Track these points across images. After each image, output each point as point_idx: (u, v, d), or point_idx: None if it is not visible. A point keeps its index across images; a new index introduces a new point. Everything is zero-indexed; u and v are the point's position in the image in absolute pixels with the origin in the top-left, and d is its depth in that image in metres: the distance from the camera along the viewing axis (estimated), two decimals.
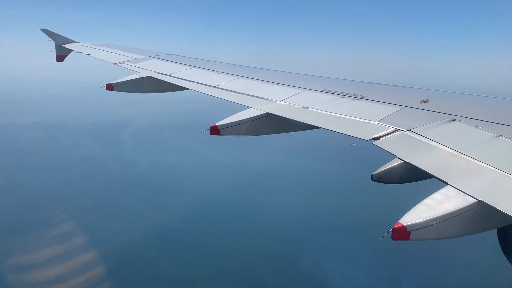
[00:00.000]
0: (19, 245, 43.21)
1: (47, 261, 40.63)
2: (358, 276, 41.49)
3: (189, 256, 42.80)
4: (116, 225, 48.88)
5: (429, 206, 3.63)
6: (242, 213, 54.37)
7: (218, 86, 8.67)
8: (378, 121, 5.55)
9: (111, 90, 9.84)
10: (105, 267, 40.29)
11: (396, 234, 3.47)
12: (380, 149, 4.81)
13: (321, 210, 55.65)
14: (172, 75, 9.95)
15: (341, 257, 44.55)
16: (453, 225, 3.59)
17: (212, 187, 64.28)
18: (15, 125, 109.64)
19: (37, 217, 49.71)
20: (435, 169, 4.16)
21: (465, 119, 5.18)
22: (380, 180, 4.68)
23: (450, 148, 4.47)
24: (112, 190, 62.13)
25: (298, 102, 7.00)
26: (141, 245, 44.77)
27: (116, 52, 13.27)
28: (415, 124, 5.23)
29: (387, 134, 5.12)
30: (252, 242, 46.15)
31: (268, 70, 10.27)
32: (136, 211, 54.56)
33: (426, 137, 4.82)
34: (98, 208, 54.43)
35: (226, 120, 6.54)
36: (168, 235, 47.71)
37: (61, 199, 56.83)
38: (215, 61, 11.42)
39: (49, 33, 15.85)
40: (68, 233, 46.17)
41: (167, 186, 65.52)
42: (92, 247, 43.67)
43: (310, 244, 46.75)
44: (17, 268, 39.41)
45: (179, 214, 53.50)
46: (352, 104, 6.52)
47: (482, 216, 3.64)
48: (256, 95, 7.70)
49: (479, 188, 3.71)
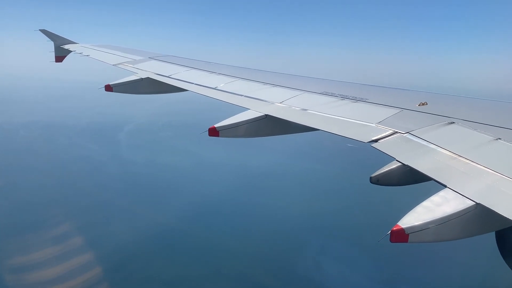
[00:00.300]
0: (16, 245, 43.11)
1: (45, 261, 40.56)
2: (356, 278, 41.52)
3: (187, 257, 42.76)
4: (114, 225, 48.81)
5: (427, 209, 3.63)
6: (240, 214, 54.38)
7: (217, 88, 8.68)
8: (377, 123, 5.55)
9: (110, 91, 9.83)
10: (103, 267, 40.23)
11: (394, 236, 3.47)
12: (378, 152, 4.81)
13: (319, 212, 55.67)
14: (171, 76, 9.94)
15: (340, 259, 44.57)
16: (452, 228, 3.59)
17: (211, 188, 64.24)
18: (12, 124, 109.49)
19: (34, 217, 49.58)
20: (433, 171, 4.17)
21: (464, 121, 5.19)
22: (378, 182, 4.68)
23: (448, 150, 4.48)
24: (109, 190, 62.01)
25: (297, 104, 7.00)
26: (139, 245, 44.72)
27: (115, 53, 13.27)
28: (413, 126, 5.23)
29: (386, 137, 5.12)
30: (250, 243, 46.17)
31: (267, 72, 10.28)
32: (135, 211, 54.47)
33: (424, 140, 4.83)
34: (95, 208, 54.29)
35: (225, 121, 6.54)
36: (168, 235, 47.70)
37: (57, 199, 56.64)
38: (214, 63, 11.43)
39: (48, 33, 15.85)
40: (65, 233, 46.05)
41: (166, 186, 65.45)
42: (90, 248, 43.60)
43: (308, 246, 46.76)
44: (15, 268, 39.33)
45: (178, 214, 53.45)
46: (351, 106, 6.53)
47: (480, 218, 3.64)
48: (255, 97, 7.70)
49: (477, 190, 3.72)
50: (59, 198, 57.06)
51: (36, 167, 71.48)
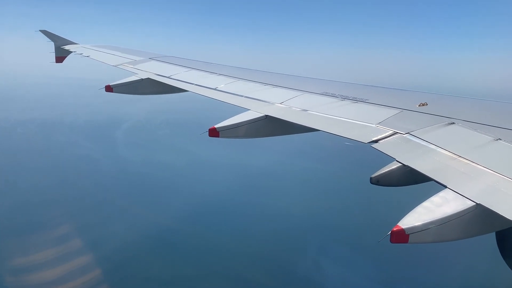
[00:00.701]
0: (13, 246, 43.04)
1: (43, 262, 40.50)
2: (356, 278, 41.47)
3: (187, 257, 42.73)
4: (111, 225, 48.71)
5: (427, 209, 3.63)
6: (240, 214, 54.36)
7: (217, 88, 8.69)
8: (377, 124, 5.56)
9: (110, 92, 9.85)
10: (103, 268, 40.19)
11: (394, 237, 3.47)
12: (378, 152, 4.81)
13: (319, 212, 55.66)
14: (171, 77, 9.95)
15: (340, 259, 44.53)
16: (452, 228, 3.59)
17: (210, 188, 64.19)
18: (9, 121, 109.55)
19: (32, 218, 49.41)
20: (433, 172, 4.17)
21: (464, 122, 5.19)
22: (378, 183, 4.69)
23: (448, 151, 4.48)
24: (106, 189, 61.87)
25: (297, 105, 7.01)
26: (138, 245, 44.68)
27: (116, 54, 13.30)
28: (414, 127, 5.24)
29: (386, 137, 5.13)
30: (250, 243, 46.14)
31: (267, 72, 10.29)
32: (133, 211, 54.41)
33: (424, 140, 4.83)
34: (93, 208, 54.19)
35: (225, 122, 6.54)
36: (167, 235, 47.64)
37: (53, 198, 56.48)
38: (214, 63, 11.44)
39: (48, 34, 15.86)
40: (64, 234, 45.91)
41: (165, 185, 65.41)
42: (89, 248, 43.52)
43: (308, 246, 46.73)
44: (15, 270, 39.32)
45: (177, 215, 53.36)
46: (351, 107, 6.54)
47: (481, 219, 3.65)
48: (255, 98, 7.71)
49: (477, 191, 3.72)
50: (54, 197, 56.86)
51: (32, 165, 71.24)
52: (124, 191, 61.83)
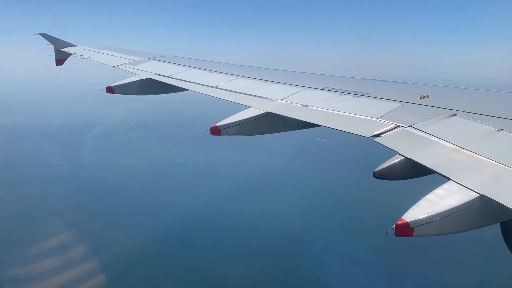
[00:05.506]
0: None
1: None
2: (360, 274, 41.41)
3: (186, 258, 42.76)
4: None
5: (431, 202, 3.62)
6: (240, 213, 54.15)
7: (218, 86, 8.67)
8: (379, 117, 5.54)
9: (111, 93, 9.84)
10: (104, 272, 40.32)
11: (399, 230, 3.46)
12: (381, 146, 4.80)
13: (323, 207, 55.68)
14: (171, 76, 9.95)
15: (343, 255, 44.51)
16: (456, 220, 3.58)
17: (211, 187, 64.22)
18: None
19: None
20: (436, 164, 4.16)
21: (466, 113, 5.17)
22: (382, 177, 4.67)
23: (451, 143, 4.47)
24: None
25: (298, 101, 6.99)
26: (137, 246, 44.76)
27: (115, 55, 13.29)
28: (415, 120, 5.22)
29: (388, 131, 5.11)
30: (251, 242, 46.04)
31: (268, 69, 10.26)
32: (134, 211, 54.57)
33: (427, 133, 4.82)
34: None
35: (226, 120, 6.53)
36: (167, 234, 47.76)
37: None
38: (214, 62, 11.42)
39: (48, 37, 15.87)
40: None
41: (168, 186, 65.54)
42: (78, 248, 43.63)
43: (311, 242, 46.71)
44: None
45: (177, 215, 53.46)
46: (353, 101, 6.52)
47: (485, 210, 3.63)
48: (256, 95, 7.70)
49: (481, 182, 3.70)
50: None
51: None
52: (123, 192, 61.43)
